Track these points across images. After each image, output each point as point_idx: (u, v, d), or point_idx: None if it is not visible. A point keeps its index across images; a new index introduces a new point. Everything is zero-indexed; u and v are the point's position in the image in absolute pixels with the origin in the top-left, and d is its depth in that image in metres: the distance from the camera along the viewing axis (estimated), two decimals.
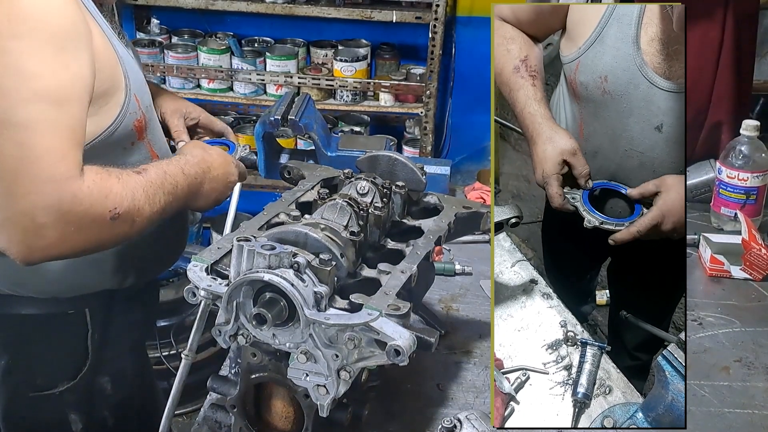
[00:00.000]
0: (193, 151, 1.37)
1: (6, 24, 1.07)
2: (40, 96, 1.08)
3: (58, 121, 1.10)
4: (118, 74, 1.25)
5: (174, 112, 1.59)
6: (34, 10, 1.08)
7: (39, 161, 1.08)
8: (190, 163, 1.32)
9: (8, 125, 1.07)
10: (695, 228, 1.97)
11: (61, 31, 1.11)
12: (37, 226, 1.08)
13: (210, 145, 1.46)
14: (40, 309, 1.39)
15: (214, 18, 3.53)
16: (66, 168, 1.09)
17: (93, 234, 1.14)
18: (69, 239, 1.12)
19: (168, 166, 1.28)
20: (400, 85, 3.30)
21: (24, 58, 1.08)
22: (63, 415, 1.50)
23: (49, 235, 1.10)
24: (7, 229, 1.10)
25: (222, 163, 1.39)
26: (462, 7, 3.40)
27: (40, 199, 1.08)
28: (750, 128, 1.91)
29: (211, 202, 1.38)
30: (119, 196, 1.15)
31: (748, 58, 2.28)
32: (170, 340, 2.67)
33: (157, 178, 1.23)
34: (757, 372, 1.46)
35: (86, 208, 1.11)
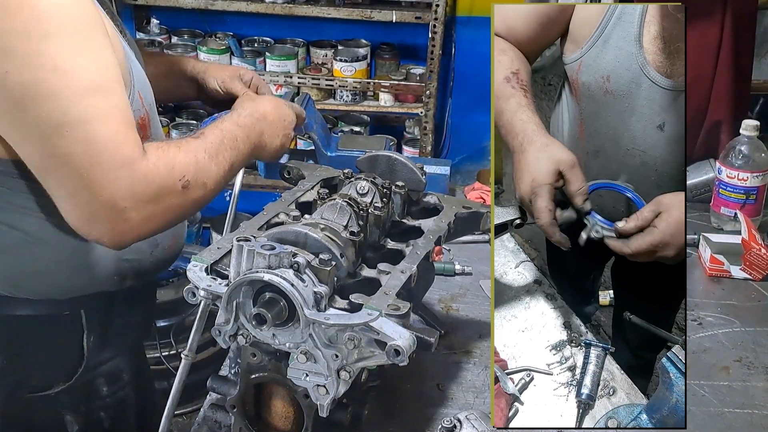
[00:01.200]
0: (244, 104, 1.40)
1: (34, 25, 1.06)
2: (88, 89, 1.10)
3: (110, 107, 1.12)
4: (124, 69, 1.25)
5: (233, 78, 1.60)
6: (55, 7, 1.08)
7: (105, 151, 1.10)
8: (243, 116, 1.35)
9: (68, 125, 1.08)
10: (695, 228, 1.97)
11: (84, 21, 1.11)
12: (120, 211, 1.12)
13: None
14: (35, 310, 1.38)
15: (213, 18, 3.54)
16: (130, 150, 1.12)
17: (171, 205, 1.18)
18: (151, 216, 1.16)
19: (223, 124, 1.30)
20: (400, 85, 3.31)
21: (61, 56, 1.08)
22: (59, 416, 1.50)
23: (133, 217, 1.14)
24: (96, 222, 1.14)
25: (275, 107, 1.42)
26: (462, 7, 3.40)
27: (116, 185, 1.11)
28: (750, 128, 1.91)
29: (277, 149, 1.41)
30: (184, 164, 1.18)
31: (747, 57, 2.28)
32: (170, 340, 2.67)
33: (216, 138, 1.26)
34: (757, 372, 1.46)
35: (159, 184, 1.15)
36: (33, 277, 1.34)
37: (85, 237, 1.18)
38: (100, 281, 1.41)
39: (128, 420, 1.63)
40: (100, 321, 1.46)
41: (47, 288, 1.37)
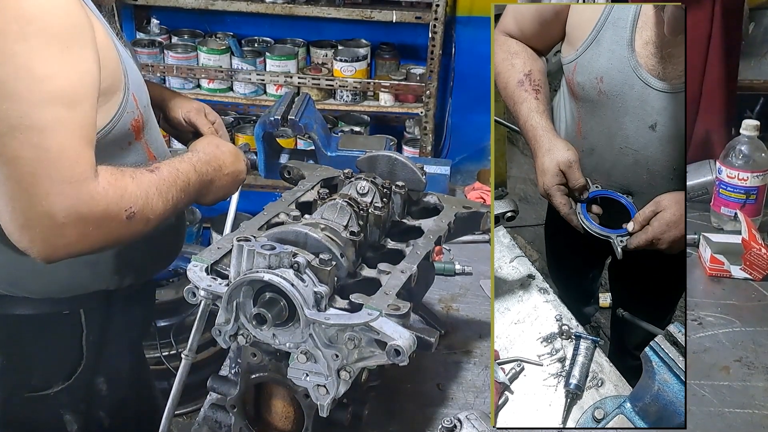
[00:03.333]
0: (206, 148, 1.39)
1: (13, 26, 1.06)
2: (53, 97, 1.09)
3: (72, 121, 1.11)
4: (118, 72, 1.25)
5: (199, 112, 1.61)
6: (38, 11, 1.08)
7: (56, 163, 1.09)
8: (202, 161, 1.34)
9: (24, 129, 1.08)
10: (695, 228, 1.97)
11: (66, 29, 1.11)
12: (57, 226, 1.11)
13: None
14: (34, 309, 1.39)
15: (213, 18, 3.53)
16: (82, 169, 1.11)
17: (110, 232, 1.17)
18: (88, 237, 1.14)
19: (181, 164, 1.30)
20: (400, 85, 3.30)
21: (34, 61, 1.08)
22: (58, 416, 1.50)
23: (69, 234, 1.12)
24: (28, 230, 1.12)
25: (233, 161, 1.42)
26: (462, 7, 3.40)
27: (59, 200, 1.10)
28: (750, 128, 1.91)
29: (219, 198, 1.41)
30: (134, 196, 1.17)
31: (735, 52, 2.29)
32: (170, 340, 2.67)
33: (170, 176, 1.25)
34: (757, 372, 1.46)
35: (103, 209, 1.13)
36: (31, 276, 1.34)
37: (15, 243, 1.15)
38: (98, 279, 1.41)
39: (128, 420, 1.63)
40: (100, 320, 1.46)
41: (45, 286, 1.37)
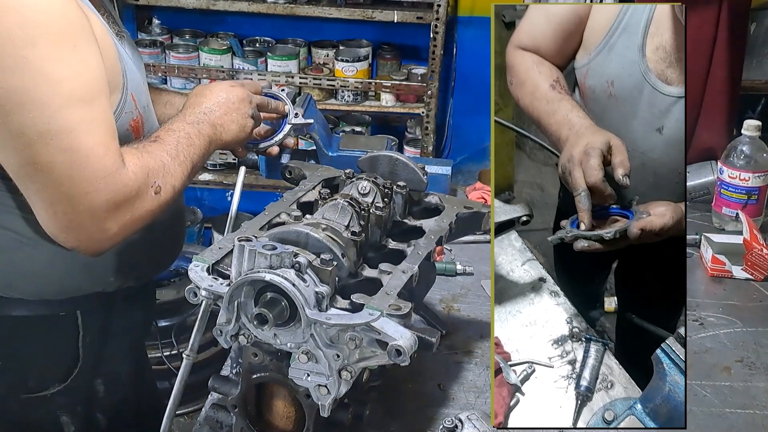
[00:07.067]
0: (189, 100, 1.40)
1: (19, 33, 1.05)
2: (73, 98, 1.10)
3: (94, 117, 1.13)
4: (116, 71, 1.25)
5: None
6: (39, 13, 1.07)
7: (88, 161, 1.11)
8: (188, 113, 1.35)
9: (53, 134, 1.08)
10: (696, 228, 1.97)
11: (69, 29, 1.11)
12: (99, 221, 1.14)
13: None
14: (30, 311, 1.38)
15: (215, 18, 3.54)
16: (111, 161, 1.13)
17: (145, 211, 1.20)
18: (127, 224, 1.18)
19: (173, 125, 1.31)
20: (402, 85, 3.31)
21: (47, 65, 1.07)
22: (55, 417, 1.49)
23: (111, 225, 1.16)
24: (74, 230, 1.15)
25: (220, 91, 1.40)
26: (463, 7, 3.40)
27: (98, 196, 1.12)
28: (751, 128, 1.91)
29: (236, 132, 1.39)
30: (155, 170, 1.20)
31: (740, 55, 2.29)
32: (171, 340, 2.68)
33: (171, 139, 1.27)
34: (759, 372, 1.46)
35: (136, 192, 1.17)
36: (26, 278, 1.34)
37: (62, 245, 1.18)
38: (95, 282, 1.40)
39: (126, 421, 1.62)
40: (97, 322, 1.46)
41: (40, 288, 1.36)
